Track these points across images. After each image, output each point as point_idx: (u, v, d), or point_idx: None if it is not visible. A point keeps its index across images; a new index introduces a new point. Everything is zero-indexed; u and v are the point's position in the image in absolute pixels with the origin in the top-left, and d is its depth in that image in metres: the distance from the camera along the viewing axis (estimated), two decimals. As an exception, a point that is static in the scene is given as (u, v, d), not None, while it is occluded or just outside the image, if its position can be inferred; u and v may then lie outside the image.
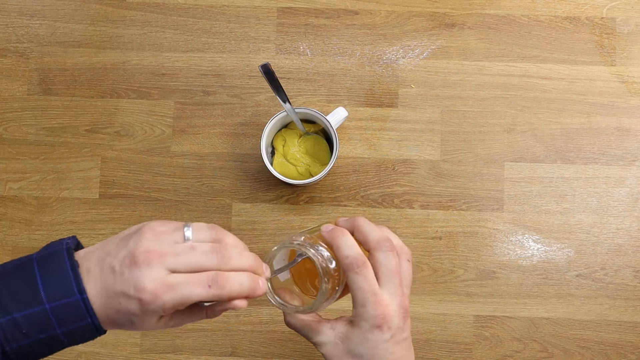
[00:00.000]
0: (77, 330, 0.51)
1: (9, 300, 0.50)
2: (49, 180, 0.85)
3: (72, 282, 0.50)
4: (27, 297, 0.50)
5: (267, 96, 0.85)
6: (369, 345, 0.56)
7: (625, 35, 0.86)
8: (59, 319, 0.50)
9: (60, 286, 0.50)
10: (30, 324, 0.50)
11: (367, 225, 0.57)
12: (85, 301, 0.50)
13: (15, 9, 0.88)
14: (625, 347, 0.81)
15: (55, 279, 0.51)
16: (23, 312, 0.50)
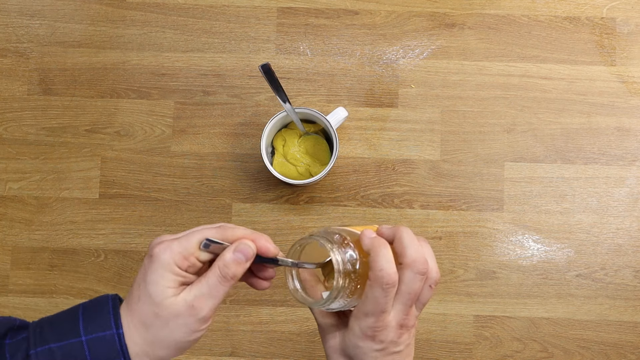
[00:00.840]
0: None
1: (50, 333, 0.51)
2: (49, 180, 0.85)
3: (109, 316, 0.51)
4: (67, 330, 0.51)
5: (267, 96, 0.85)
6: (360, 352, 0.56)
7: (625, 35, 0.86)
8: (92, 353, 0.50)
9: (99, 320, 0.51)
10: (65, 354, 0.50)
11: (409, 239, 0.56)
12: (120, 336, 0.51)
13: (15, 9, 0.88)
14: (625, 347, 0.81)
15: (96, 315, 0.52)
16: (60, 343, 0.51)
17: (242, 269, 0.52)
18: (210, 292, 0.51)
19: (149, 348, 0.52)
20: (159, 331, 0.52)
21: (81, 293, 0.83)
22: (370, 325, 0.55)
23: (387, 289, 0.54)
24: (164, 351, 0.52)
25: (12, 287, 0.83)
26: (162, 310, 0.51)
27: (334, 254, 0.53)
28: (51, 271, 0.83)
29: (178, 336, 0.52)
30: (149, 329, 0.52)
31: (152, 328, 0.52)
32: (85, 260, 0.84)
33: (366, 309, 0.54)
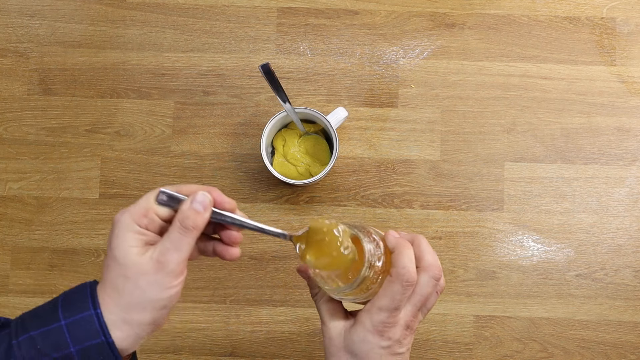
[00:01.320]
0: (91, 351, 0.50)
1: (30, 322, 0.51)
2: (49, 180, 0.85)
3: (88, 299, 0.51)
4: (46, 317, 0.51)
5: (267, 96, 0.85)
6: (366, 346, 0.57)
7: (625, 35, 0.86)
8: (73, 335, 0.50)
9: (79, 304, 0.51)
10: (45, 340, 0.50)
11: (426, 245, 0.59)
12: (98, 316, 0.51)
13: (15, 9, 0.88)
14: (625, 347, 0.81)
15: (74, 299, 0.52)
16: (40, 330, 0.51)
17: (202, 219, 0.52)
18: (173, 245, 0.51)
19: (126, 314, 0.51)
20: (131, 293, 0.51)
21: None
22: (382, 320, 0.56)
23: (406, 287, 0.56)
24: (141, 314, 0.52)
25: (12, 287, 0.83)
26: (129, 270, 0.51)
27: (365, 244, 0.55)
28: (51, 271, 0.83)
29: (151, 294, 0.51)
30: (121, 294, 0.51)
31: (124, 292, 0.51)
32: (85, 260, 0.84)
33: (381, 303, 0.56)
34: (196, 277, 0.83)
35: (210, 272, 0.83)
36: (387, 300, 0.56)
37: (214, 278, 0.83)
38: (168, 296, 0.52)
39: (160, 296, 0.52)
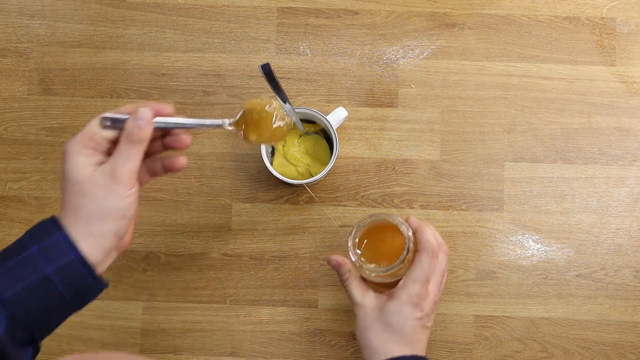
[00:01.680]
0: (66, 269, 0.53)
1: (3, 257, 0.54)
2: (49, 180, 0.85)
3: (52, 226, 0.55)
4: (16, 248, 0.54)
5: (267, 96, 0.85)
6: (401, 317, 0.65)
7: (625, 35, 0.86)
8: (46, 258, 0.53)
9: (44, 231, 0.55)
10: (22, 266, 0.53)
11: (435, 230, 0.70)
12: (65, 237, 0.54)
13: (15, 9, 0.88)
14: (625, 347, 0.81)
15: (41, 228, 0.55)
16: (14, 259, 0.54)
17: (146, 132, 0.56)
18: (123, 157, 0.56)
19: (88, 226, 0.55)
20: (89, 206, 0.55)
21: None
22: (417, 291, 0.65)
23: (432, 259, 0.66)
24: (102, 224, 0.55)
25: (12, 287, 0.83)
26: (85, 185, 0.55)
27: (404, 231, 0.67)
28: (51, 271, 0.83)
29: (108, 204, 0.55)
30: (81, 208, 0.55)
31: (82, 207, 0.55)
32: (85, 260, 0.83)
33: (414, 275, 0.65)
34: (196, 277, 0.83)
35: (210, 272, 0.83)
36: (418, 272, 0.65)
37: (214, 278, 0.83)
38: (124, 205, 0.56)
39: (117, 205, 0.55)
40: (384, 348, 0.65)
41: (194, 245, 0.83)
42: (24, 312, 0.53)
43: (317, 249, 0.83)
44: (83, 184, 0.55)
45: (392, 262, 0.66)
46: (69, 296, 0.54)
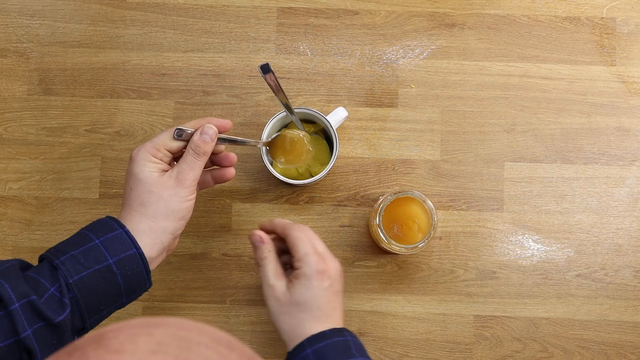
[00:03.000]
0: (126, 261, 0.60)
1: (65, 247, 0.61)
2: (49, 180, 0.85)
3: (113, 223, 0.62)
4: (80, 241, 0.61)
5: (267, 96, 0.85)
6: (312, 292, 0.65)
7: (625, 35, 0.86)
8: (109, 250, 0.60)
9: (105, 228, 0.62)
10: (86, 256, 0.60)
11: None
12: (127, 233, 0.61)
13: (15, 9, 0.88)
14: (625, 347, 0.81)
15: (100, 226, 0.62)
16: (79, 249, 0.60)
17: (210, 146, 0.66)
18: (189, 166, 0.65)
19: (152, 222, 0.63)
20: (156, 204, 0.64)
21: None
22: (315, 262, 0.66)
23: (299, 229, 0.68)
24: (165, 221, 0.64)
25: (12, 287, 0.83)
26: (154, 186, 0.64)
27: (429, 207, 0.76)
28: (51, 271, 0.83)
29: (173, 204, 0.64)
30: (147, 206, 0.63)
31: (150, 204, 0.63)
32: (85, 260, 0.84)
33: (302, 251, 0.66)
34: (196, 277, 0.83)
35: (210, 272, 0.83)
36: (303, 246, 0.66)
37: (214, 278, 0.83)
38: (185, 207, 0.65)
39: (180, 206, 0.65)
40: (302, 327, 0.65)
41: (194, 245, 0.83)
42: (85, 298, 0.59)
43: (317, 249, 0.83)
44: (152, 184, 0.64)
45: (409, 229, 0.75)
46: (124, 288, 0.61)
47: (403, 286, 0.82)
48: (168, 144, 0.66)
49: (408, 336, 0.82)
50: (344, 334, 0.65)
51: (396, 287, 0.82)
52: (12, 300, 0.55)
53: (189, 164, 0.65)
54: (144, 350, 0.31)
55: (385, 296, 0.82)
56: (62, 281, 0.58)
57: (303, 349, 0.63)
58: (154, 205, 0.63)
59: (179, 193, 0.64)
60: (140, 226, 0.63)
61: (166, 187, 0.64)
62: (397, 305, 0.82)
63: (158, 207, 0.63)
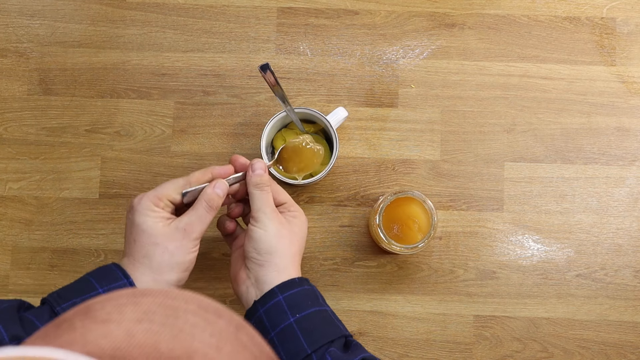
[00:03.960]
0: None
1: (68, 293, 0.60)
2: (49, 180, 0.85)
3: (118, 272, 0.61)
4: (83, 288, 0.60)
5: (267, 96, 0.85)
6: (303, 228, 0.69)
7: (625, 35, 0.86)
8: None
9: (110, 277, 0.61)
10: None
11: None
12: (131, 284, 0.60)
13: (15, 9, 0.88)
14: (625, 347, 0.81)
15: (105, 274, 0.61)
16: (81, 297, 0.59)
17: (221, 200, 0.66)
18: (199, 219, 0.64)
19: (156, 275, 0.62)
20: (161, 256, 0.62)
21: (81, 293, 0.83)
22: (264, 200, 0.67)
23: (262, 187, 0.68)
24: (169, 274, 0.62)
25: (12, 287, 0.83)
26: (159, 237, 0.62)
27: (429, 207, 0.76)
28: (51, 271, 0.83)
29: (178, 257, 0.63)
30: (152, 258, 0.62)
31: (154, 256, 0.62)
32: (85, 260, 0.84)
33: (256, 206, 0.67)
34: (196, 277, 0.83)
35: (210, 272, 0.83)
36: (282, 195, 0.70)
37: (214, 278, 0.83)
38: (189, 259, 0.64)
39: (185, 259, 0.63)
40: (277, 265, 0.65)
41: (194, 245, 0.83)
42: None
43: (317, 249, 0.83)
44: (157, 236, 0.62)
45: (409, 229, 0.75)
46: None
47: (403, 286, 0.82)
48: (172, 196, 0.65)
49: (408, 336, 0.82)
50: (309, 283, 0.66)
51: (396, 287, 0.82)
52: (5, 341, 0.54)
53: (200, 217, 0.64)
54: (130, 319, 0.32)
55: (385, 296, 0.82)
56: None
57: (274, 295, 0.63)
58: (158, 257, 0.62)
59: (185, 245, 0.63)
60: (144, 278, 0.62)
61: (172, 239, 0.63)
62: (397, 305, 0.82)
63: (163, 259, 0.62)
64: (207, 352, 0.32)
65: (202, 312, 0.34)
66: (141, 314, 0.32)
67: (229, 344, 0.33)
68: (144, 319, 0.32)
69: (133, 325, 0.31)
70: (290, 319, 0.61)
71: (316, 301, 0.64)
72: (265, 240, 0.65)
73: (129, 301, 0.33)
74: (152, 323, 0.32)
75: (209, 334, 0.33)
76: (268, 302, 0.63)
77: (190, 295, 0.35)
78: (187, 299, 0.34)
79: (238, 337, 0.34)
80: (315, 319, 0.62)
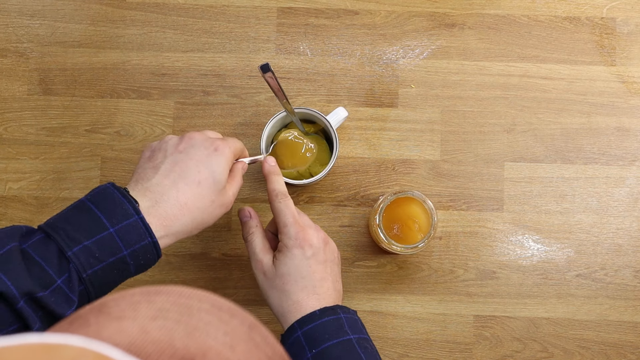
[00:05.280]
0: (140, 251, 0.57)
1: (77, 233, 0.55)
2: (49, 180, 0.85)
3: (127, 206, 0.57)
4: (92, 227, 0.56)
5: (267, 96, 0.85)
6: (294, 262, 0.65)
7: (625, 35, 0.86)
8: (124, 240, 0.56)
9: (118, 212, 0.57)
10: (101, 248, 0.56)
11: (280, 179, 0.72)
12: (143, 221, 0.57)
13: (15, 9, 0.88)
14: (625, 347, 0.81)
15: (111, 206, 0.57)
16: (92, 239, 0.56)
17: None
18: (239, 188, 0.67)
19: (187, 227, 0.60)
20: (207, 215, 0.61)
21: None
22: (295, 232, 0.66)
23: (283, 200, 0.68)
24: (196, 231, 0.62)
25: (12, 287, 0.83)
26: (220, 197, 0.62)
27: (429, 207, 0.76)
28: (51, 271, 0.83)
29: (212, 221, 0.63)
30: (202, 211, 0.61)
31: (204, 212, 0.61)
32: (85, 260, 0.83)
33: (282, 222, 0.67)
34: (196, 277, 0.83)
35: (210, 272, 0.83)
36: (283, 217, 0.67)
37: (214, 278, 0.83)
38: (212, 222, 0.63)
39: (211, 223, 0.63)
40: (290, 300, 0.65)
41: (194, 245, 0.83)
42: (96, 289, 0.57)
43: (317, 249, 0.83)
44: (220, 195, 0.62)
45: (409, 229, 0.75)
46: (134, 273, 0.59)
47: (403, 286, 0.82)
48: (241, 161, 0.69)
49: (408, 336, 0.82)
50: (336, 312, 0.64)
51: (396, 287, 0.82)
52: (17, 299, 0.51)
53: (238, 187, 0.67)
54: (144, 316, 0.32)
55: (385, 296, 0.82)
56: (74, 275, 0.54)
57: (294, 331, 0.63)
58: (204, 214, 0.61)
59: (221, 213, 0.64)
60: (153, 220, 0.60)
61: (225, 204, 0.64)
62: (397, 305, 0.82)
63: (204, 217, 0.62)
64: (221, 350, 0.32)
65: (215, 310, 0.34)
66: (155, 312, 0.32)
67: (243, 343, 0.33)
68: (158, 316, 0.32)
69: (148, 322, 0.31)
70: (307, 355, 0.62)
71: (338, 331, 0.63)
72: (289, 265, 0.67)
73: (143, 299, 0.33)
74: (166, 320, 0.32)
75: (222, 333, 0.33)
76: (289, 337, 0.64)
77: (204, 294, 0.35)
78: (200, 297, 0.34)
79: (251, 337, 0.34)
80: (333, 352, 0.61)
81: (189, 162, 0.62)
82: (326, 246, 0.68)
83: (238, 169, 0.67)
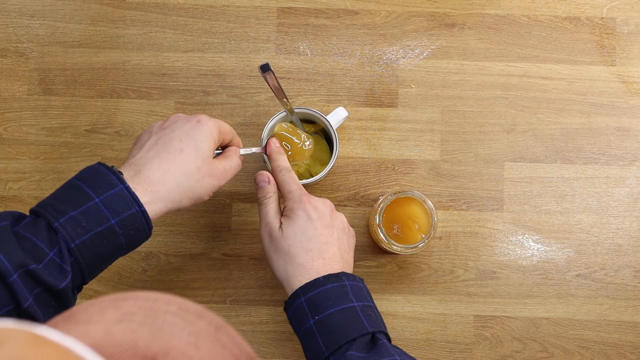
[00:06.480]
0: (128, 220, 0.57)
1: (63, 205, 0.57)
2: (49, 180, 0.85)
3: (111, 177, 0.58)
4: (78, 198, 0.57)
5: (267, 96, 0.85)
6: (299, 223, 0.66)
7: (625, 35, 0.86)
8: (110, 209, 0.56)
9: (103, 183, 0.57)
10: (87, 217, 0.56)
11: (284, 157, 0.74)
12: (128, 189, 0.57)
13: (15, 9, 0.88)
14: (625, 347, 0.81)
15: (97, 179, 0.58)
16: (78, 210, 0.56)
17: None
18: (232, 169, 0.66)
19: (175, 195, 0.60)
20: (195, 183, 0.61)
21: (81, 294, 0.83)
22: (299, 195, 0.67)
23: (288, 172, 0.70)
24: (186, 200, 0.62)
25: (12, 287, 0.83)
26: (206, 165, 0.62)
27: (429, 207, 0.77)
28: (51, 271, 0.83)
29: (203, 192, 0.62)
30: (188, 177, 0.61)
31: (190, 179, 0.61)
32: (85, 260, 0.83)
33: (286, 189, 0.68)
34: (196, 277, 0.83)
35: (210, 272, 0.83)
36: (287, 186, 0.68)
37: (214, 278, 0.83)
38: (207, 199, 0.64)
39: (205, 197, 0.63)
40: (295, 264, 0.65)
41: (194, 245, 0.83)
42: (87, 260, 0.56)
43: (317, 249, 0.83)
44: (205, 162, 0.62)
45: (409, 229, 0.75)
46: (125, 245, 0.58)
47: (403, 286, 0.82)
48: (227, 138, 0.68)
49: (408, 336, 0.82)
50: (340, 279, 0.63)
51: (396, 287, 0.82)
52: (9, 272, 0.52)
53: (234, 168, 0.67)
54: (110, 320, 0.32)
55: (385, 296, 0.82)
56: (63, 245, 0.55)
57: (297, 297, 0.63)
58: (191, 182, 0.62)
59: (214, 185, 0.64)
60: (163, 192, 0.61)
61: (213, 174, 0.63)
62: (397, 305, 0.82)
63: (193, 186, 0.62)
64: (185, 349, 0.33)
65: (182, 313, 0.35)
66: (121, 315, 0.33)
67: (208, 342, 0.34)
68: (123, 319, 0.33)
69: (112, 325, 0.32)
70: (310, 322, 0.62)
71: (342, 298, 0.62)
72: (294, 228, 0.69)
73: (111, 304, 0.34)
74: (131, 322, 0.33)
75: (187, 333, 0.34)
76: (292, 304, 0.64)
77: (172, 298, 0.36)
78: (168, 301, 0.35)
79: (217, 337, 0.35)
80: (335, 319, 0.61)
81: (171, 134, 0.63)
82: (333, 213, 0.68)
83: (232, 150, 0.68)
